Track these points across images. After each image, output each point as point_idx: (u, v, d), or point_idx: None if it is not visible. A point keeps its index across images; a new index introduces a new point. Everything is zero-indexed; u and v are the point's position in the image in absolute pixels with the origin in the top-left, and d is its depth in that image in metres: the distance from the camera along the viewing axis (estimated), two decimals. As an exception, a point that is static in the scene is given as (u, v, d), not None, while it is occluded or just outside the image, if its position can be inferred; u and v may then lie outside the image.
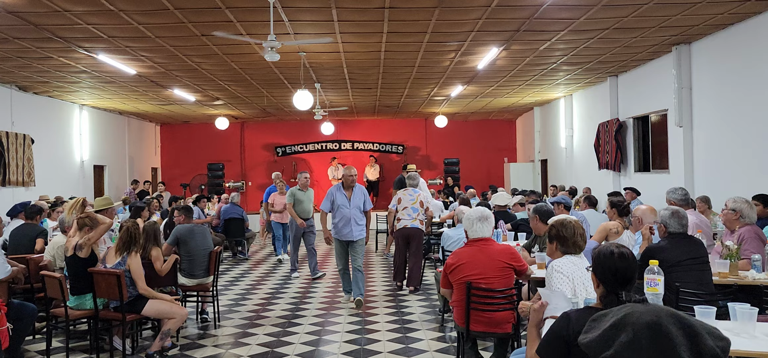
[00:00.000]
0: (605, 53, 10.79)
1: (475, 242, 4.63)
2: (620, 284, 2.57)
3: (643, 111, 12.09)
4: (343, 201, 8.02)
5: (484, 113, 19.96)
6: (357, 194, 8.09)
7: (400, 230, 8.97)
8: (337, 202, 8.03)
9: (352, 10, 7.93)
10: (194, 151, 21.75)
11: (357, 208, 8.05)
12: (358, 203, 8.07)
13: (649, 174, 12.09)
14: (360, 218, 8.07)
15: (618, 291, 2.56)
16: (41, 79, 12.28)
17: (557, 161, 17.17)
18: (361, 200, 8.12)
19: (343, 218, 8.01)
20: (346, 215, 7.99)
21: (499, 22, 8.61)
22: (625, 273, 2.59)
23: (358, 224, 8.03)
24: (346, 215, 7.99)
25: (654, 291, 3.22)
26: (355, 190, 8.09)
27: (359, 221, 8.05)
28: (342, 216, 8.01)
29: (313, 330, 6.86)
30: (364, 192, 8.22)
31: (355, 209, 8.02)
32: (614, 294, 2.56)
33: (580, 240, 3.85)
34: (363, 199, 8.14)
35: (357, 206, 8.06)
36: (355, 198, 8.06)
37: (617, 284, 2.58)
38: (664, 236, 4.71)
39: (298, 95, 10.96)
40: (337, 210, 8.04)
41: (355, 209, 8.03)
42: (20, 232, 7.56)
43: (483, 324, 4.57)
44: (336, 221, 8.07)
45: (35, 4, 7.37)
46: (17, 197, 12.88)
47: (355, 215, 8.00)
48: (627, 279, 2.59)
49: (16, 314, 5.58)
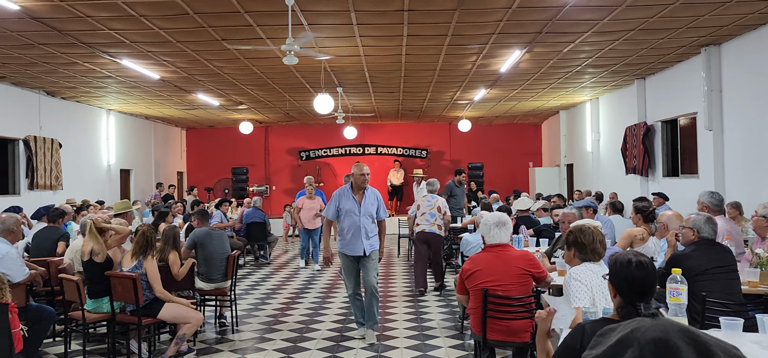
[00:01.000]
0: (631, 55, 10.56)
1: (493, 247, 4.50)
2: (638, 295, 2.42)
3: (671, 114, 11.80)
4: (351, 206, 6.50)
5: (508, 117, 19.75)
6: (369, 198, 6.55)
7: (419, 234, 9.14)
8: (344, 207, 6.54)
9: (371, 13, 7.87)
10: (219, 155, 21.92)
11: (369, 215, 6.52)
12: (370, 209, 6.53)
13: (677, 179, 11.79)
14: (371, 228, 6.54)
15: (636, 302, 2.41)
16: (68, 84, 12.46)
17: (583, 166, 16.88)
18: (374, 205, 6.59)
19: (351, 227, 6.47)
20: (356, 223, 6.45)
21: (521, 24, 8.46)
22: (644, 283, 2.44)
23: (369, 235, 6.51)
24: (356, 223, 6.45)
25: (676, 301, 3.07)
26: (367, 193, 6.55)
27: (371, 231, 6.53)
28: (351, 224, 6.48)
29: (331, 336, 6.79)
30: (377, 197, 6.68)
31: (366, 217, 6.50)
32: (632, 305, 2.41)
33: (600, 247, 3.70)
34: (376, 205, 6.62)
35: (369, 213, 6.52)
36: (367, 203, 6.52)
37: (635, 294, 2.43)
38: (691, 243, 4.52)
39: (318, 99, 10.93)
40: (344, 217, 6.55)
41: (367, 216, 6.50)
42: (43, 234, 7.64)
43: (500, 333, 4.44)
44: (343, 231, 6.58)
45: (58, 11, 7.45)
46: (45, 200, 13.08)
47: (365, 223, 6.48)
48: (645, 290, 2.44)
49: (35, 316, 5.62)
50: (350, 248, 6.53)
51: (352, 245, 6.50)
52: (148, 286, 5.70)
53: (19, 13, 7.44)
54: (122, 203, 8.12)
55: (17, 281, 5.48)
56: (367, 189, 6.59)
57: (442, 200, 9.45)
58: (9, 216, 5.81)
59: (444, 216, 9.19)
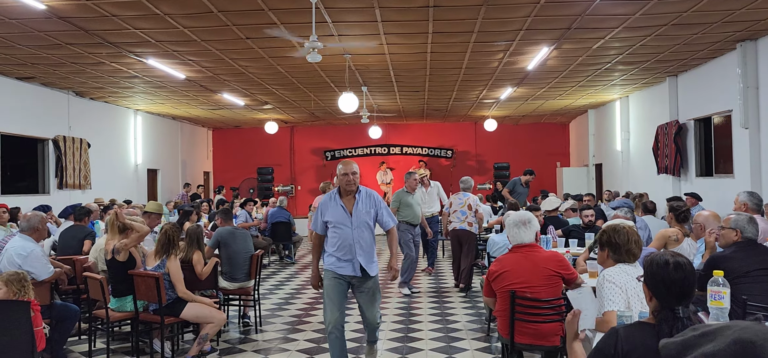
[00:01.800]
0: (663, 51, 10.27)
1: (520, 248, 4.35)
2: (676, 298, 2.26)
3: (705, 112, 11.46)
4: (340, 216, 5.02)
5: (535, 116, 19.46)
6: (363, 203, 5.07)
7: (452, 232, 9.40)
8: (331, 218, 5.04)
9: (396, 9, 7.75)
10: (245, 155, 22.01)
11: (364, 226, 5.03)
12: (364, 217, 5.03)
13: (711, 179, 11.45)
14: (370, 242, 5.09)
15: (674, 306, 2.25)
16: (96, 84, 12.59)
17: (613, 166, 16.55)
18: (371, 212, 5.08)
19: (342, 244, 5.01)
20: (347, 237, 4.99)
21: (549, 19, 8.27)
22: (682, 285, 2.28)
23: (366, 250, 5.04)
24: (347, 239, 4.99)
25: (718, 305, 2.90)
26: (360, 197, 5.08)
27: (369, 247, 5.07)
28: (340, 240, 5.01)
29: (355, 337, 6.69)
30: (375, 200, 5.15)
31: (361, 228, 5.01)
32: (670, 309, 2.25)
33: (635, 247, 3.53)
34: (374, 210, 5.10)
35: (364, 222, 5.03)
36: (361, 210, 5.03)
37: (672, 297, 2.27)
38: (731, 244, 4.32)
39: (343, 98, 10.87)
40: (331, 232, 5.08)
41: (362, 227, 5.02)
42: (69, 233, 7.69)
43: (528, 336, 4.29)
44: (331, 248, 5.09)
45: (84, 10, 7.49)
46: (74, 199, 13.24)
47: (361, 237, 5.01)
48: (684, 292, 2.28)
49: (60, 314, 5.64)
50: (340, 268, 5.02)
51: (343, 264, 5.02)
52: (171, 285, 5.66)
53: (45, 12, 7.49)
54: (156, 204, 8.13)
55: (42, 279, 5.49)
56: (359, 191, 5.08)
57: (474, 197, 9.47)
58: (34, 214, 5.83)
59: (476, 213, 9.25)
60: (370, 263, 5.08)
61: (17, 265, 5.39)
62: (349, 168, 5.07)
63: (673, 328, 2.19)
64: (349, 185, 5.03)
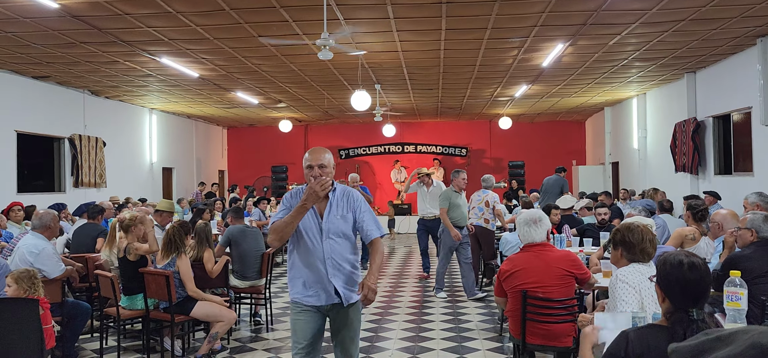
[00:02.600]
0: (681, 47, 10.09)
1: (532, 247, 4.27)
2: (691, 300, 2.17)
3: (724, 109, 11.26)
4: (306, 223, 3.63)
5: (551, 114, 19.28)
6: (339, 205, 3.69)
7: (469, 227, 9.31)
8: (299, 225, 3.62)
9: (408, 6, 7.69)
10: (260, 153, 22.07)
11: (340, 236, 3.66)
12: (339, 225, 3.66)
13: (730, 177, 11.24)
14: (348, 257, 3.70)
15: (688, 308, 2.16)
16: (111, 83, 12.66)
17: (629, 164, 16.34)
18: (349, 216, 3.70)
19: (309, 261, 3.64)
20: (315, 252, 3.62)
21: (564, 15, 8.15)
22: (697, 287, 2.18)
23: (343, 269, 3.67)
24: (316, 253, 3.62)
25: (735, 306, 2.80)
26: (336, 197, 3.69)
27: (346, 263, 3.68)
28: (307, 254, 3.64)
29: (366, 336, 6.64)
30: (356, 200, 3.74)
31: (335, 238, 3.64)
32: (684, 311, 2.17)
33: (649, 246, 3.44)
34: (353, 214, 3.70)
35: (339, 231, 3.65)
36: (334, 215, 3.66)
37: (686, 299, 2.18)
38: (749, 244, 4.20)
39: (356, 95, 10.83)
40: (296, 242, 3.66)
41: (337, 237, 3.65)
42: (82, 231, 7.71)
43: (540, 337, 4.21)
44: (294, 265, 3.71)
45: (96, 8, 7.51)
46: (89, 197, 13.34)
47: (334, 251, 3.63)
48: (699, 294, 2.18)
49: (71, 312, 5.65)
50: (308, 295, 3.63)
51: (312, 290, 3.61)
52: (181, 283, 5.65)
53: (58, 11, 7.52)
54: (167, 202, 8.15)
55: (53, 276, 5.51)
56: (334, 190, 3.66)
57: (493, 195, 9.44)
58: (46, 212, 5.85)
59: (493, 210, 9.23)
60: (350, 286, 3.66)
61: (29, 262, 5.40)
62: (316, 157, 3.55)
63: (687, 330, 2.11)
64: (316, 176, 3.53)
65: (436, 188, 10.14)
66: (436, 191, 9.99)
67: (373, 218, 3.76)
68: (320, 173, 3.55)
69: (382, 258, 3.76)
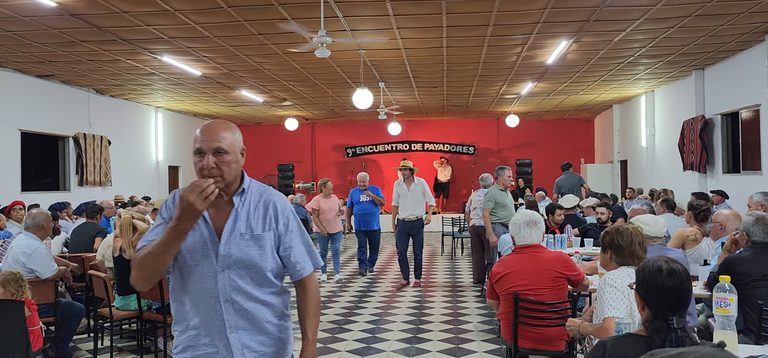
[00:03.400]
0: (688, 44, 9.93)
1: (523, 249, 4.18)
2: (670, 308, 2.08)
3: (732, 107, 11.08)
4: (197, 240, 2.22)
5: (558, 112, 19.11)
6: (250, 216, 2.29)
7: (472, 228, 9.54)
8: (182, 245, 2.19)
9: (408, 3, 7.60)
10: (266, 152, 22.05)
11: (244, 266, 2.23)
12: (247, 249, 2.24)
13: (739, 175, 11.06)
14: (253, 296, 2.26)
15: (668, 316, 2.07)
16: (115, 82, 12.67)
17: (638, 162, 16.15)
18: (265, 237, 2.27)
19: (197, 305, 2.25)
20: (211, 290, 2.21)
21: (566, 11, 8.03)
22: (677, 294, 2.09)
23: (251, 318, 2.26)
24: (212, 292, 2.21)
25: (724, 312, 2.70)
26: (246, 201, 2.31)
27: (251, 309, 2.25)
28: (198, 298, 2.25)
29: (363, 337, 6.57)
30: (279, 212, 2.32)
31: (235, 272, 2.22)
32: (663, 320, 2.07)
33: (639, 249, 3.34)
34: (272, 235, 2.29)
35: (241, 258, 2.22)
36: (239, 231, 2.24)
37: (666, 307, 2.08)
38: (747, 246, 4.08)
39: (357, 94, 10.74)
40: (183, 275, 2.26)
41: (238, 269, 2.23)
42: (81, 230, 7.70)
43: (532, 340, 4.12)
44: (180, 321, 2.33)
45: (94, 6, 7.49)
46: (94, 196, 13.37)
47: (233, 288, 2.22)
48: (679, 301, 2.09)
49: (64, 312, 5.62)
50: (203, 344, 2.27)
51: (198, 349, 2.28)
52: (174, 283, 5.60)
53: (56, 9, 7.51)
54: None
55: (46, 277, 5.48)
56: (245, 190, 2.34)
57: None
58: (39, 212, 5.83)
59: None
60: (268, 346, 2.32)
61: (21, 263, 5.38)
62: (209, 136, 2.23)
63: (666, 340, 2.02)
64: (207, 169, 2.19)
65: (417, 186, 9.22)
66: (417, 190, 9.20)
67: (307, 244, 2.38)
68: (215, 165, 2.18)
69: (318, 308, 2.40)
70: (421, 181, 9.42)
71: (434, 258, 12.69)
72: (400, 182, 9.38)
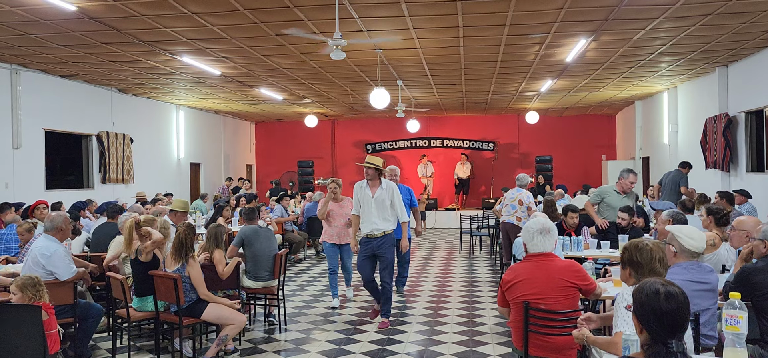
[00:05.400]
0: (710, 41, 9.75)
1: (534, 257, 4.15)
2: (668, 331, 2.05)
3: (757, 105, 10.85)
4: None
5: (580, 108, 18.91)
6: None
7: (502, 224, 9.76)
8: None
9: (423, 4, 7.57)
10: (288, 148, 22.20)
11: None
12: None
13: (763, 174, 10.85)
14: None
15: (666, 340, 2.04)
16: (137, 81, 12.83)
17: (660, 159, 15.92)
18: None
19: None
20: None
21: (584, 10, 7.93)
22: (675, 318, 2.06)
23: None
24: None
25: (734, 330, 2.66)
26: None
27: None
28: None
29: (378, 339, 6.59)
30: None
31: None
32: (662, 343, 2.05)
33: (659, 266, 3.28)
34: None
35: None
36: None
37: (664, 330, 2.05)
38: (763, 256, 4.01)
39: (374, 93, 10.75)
40: None
41: None
42: (102, 230, 7.83)
43: (543, 349, 4.09)
44: None
45: (113, 10, 7.59)
46: (117, 193, 13.60)
47: None
48: (677, 325, 2.06)
49: (83, 313, 5.72)
50: None
51: None
52: (191, 287, 5.67)
53: (77, 13, 7.62)
54: (182, 202, 8.22)
55: (65, 278, 5.58)
56: None
57: (527, 194, 9.59)
58: (58, 214, 5.93)
59: (528, 209, 9.27)
60: None
61: (41, 265, 5.49)
62: None
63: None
64: None
65: (384, 191, 6.86)
66: (384, 196, 6.85)
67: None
68: None
69: None
70: (390, 184, 6.94)
71: (452, 256, 12.66)
72: (362, 186, 6.96)
